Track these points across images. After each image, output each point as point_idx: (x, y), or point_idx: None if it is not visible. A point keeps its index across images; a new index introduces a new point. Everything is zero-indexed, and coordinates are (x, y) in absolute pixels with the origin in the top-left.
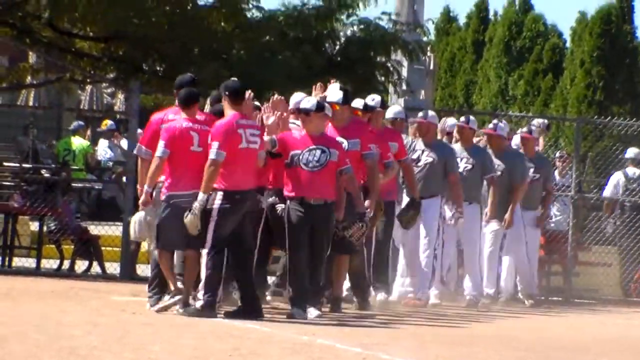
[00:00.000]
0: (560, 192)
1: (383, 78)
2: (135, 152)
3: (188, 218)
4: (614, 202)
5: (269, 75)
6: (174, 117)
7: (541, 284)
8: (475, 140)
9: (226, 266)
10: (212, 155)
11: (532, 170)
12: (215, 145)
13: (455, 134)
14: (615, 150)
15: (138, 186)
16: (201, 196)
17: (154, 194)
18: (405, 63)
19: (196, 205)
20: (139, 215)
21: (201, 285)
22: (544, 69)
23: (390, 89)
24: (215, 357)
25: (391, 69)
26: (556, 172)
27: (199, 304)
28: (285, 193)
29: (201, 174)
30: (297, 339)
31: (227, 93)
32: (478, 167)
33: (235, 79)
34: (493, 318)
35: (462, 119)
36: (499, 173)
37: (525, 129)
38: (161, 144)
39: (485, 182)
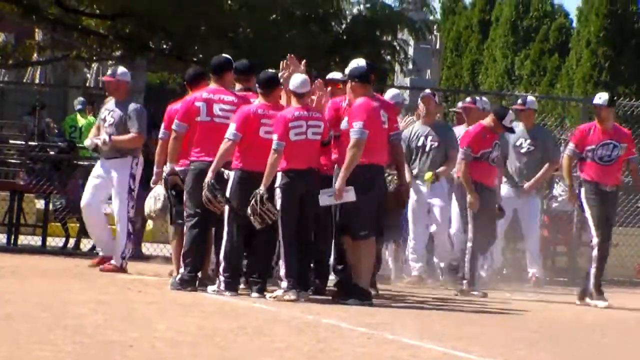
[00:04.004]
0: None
1: (389, 57)
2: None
3: None
4: None
5: (275, 54)
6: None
7: (546, 264)
8: None
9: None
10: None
11: None
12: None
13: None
14: None
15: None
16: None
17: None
18: (411, 42)
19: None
20: (154, 192)
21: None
22: (550, 49)
23: (397, 68)
24: (220, 335)
25: (397, 48)
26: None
27: (178, 277)
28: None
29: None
30: (303, 318)
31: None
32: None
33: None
34: (495, 298)
35: (468, 99)
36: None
37: (468, 99)
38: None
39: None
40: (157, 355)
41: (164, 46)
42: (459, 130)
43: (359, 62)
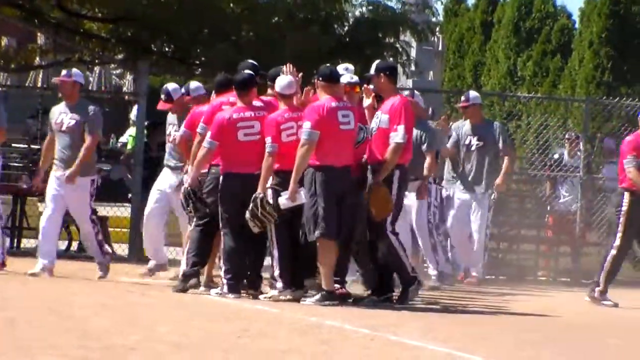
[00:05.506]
0: (569, 173)
1: (392, 59)
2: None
3: None
4: None
5: (277, 57)
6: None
7: (549, 265)
8: None
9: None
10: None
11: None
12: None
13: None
14: (624, 131)
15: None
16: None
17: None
18: (414, 44)
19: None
20: None
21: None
22: (553, 50)
23: (399, 69)
24: (223, 338)
25: (400, 49)
26: (565, 153)
27: (180, 274)
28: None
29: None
30: (306, 320)
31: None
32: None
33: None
34: (499, 299)
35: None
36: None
37: (407, 92)
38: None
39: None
40: (160, 358)
41: (167, 49)
42: None
43: (387, 63)
